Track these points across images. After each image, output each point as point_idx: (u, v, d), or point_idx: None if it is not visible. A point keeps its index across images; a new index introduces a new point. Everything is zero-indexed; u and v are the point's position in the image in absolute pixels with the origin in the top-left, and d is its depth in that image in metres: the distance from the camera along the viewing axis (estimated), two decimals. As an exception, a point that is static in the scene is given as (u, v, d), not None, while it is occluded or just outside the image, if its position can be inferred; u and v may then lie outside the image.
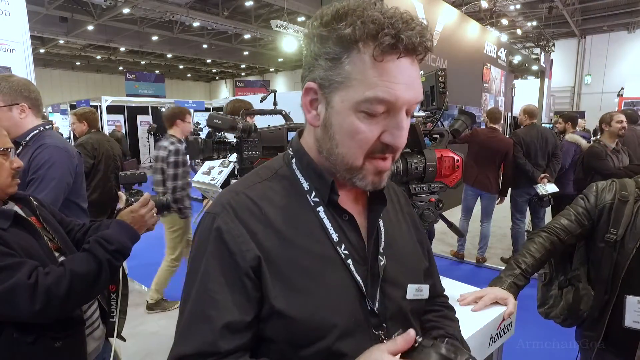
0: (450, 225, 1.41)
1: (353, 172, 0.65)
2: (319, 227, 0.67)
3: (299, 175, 0.71)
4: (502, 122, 4.49)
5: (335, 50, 0.59)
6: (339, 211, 0.69)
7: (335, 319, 0.64)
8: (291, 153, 0.73)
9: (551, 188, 3.91)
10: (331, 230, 0.67)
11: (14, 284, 0.99)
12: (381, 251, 0.72)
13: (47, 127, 1.74)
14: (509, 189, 4.30)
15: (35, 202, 1.29)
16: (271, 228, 0.65)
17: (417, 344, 0.58)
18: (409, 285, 0.74)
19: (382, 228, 0.74)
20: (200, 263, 0.65)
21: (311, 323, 0.63)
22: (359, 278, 0.67)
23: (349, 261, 0.67)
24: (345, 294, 0.66)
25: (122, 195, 1.42)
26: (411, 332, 0.57)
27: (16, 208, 1.20)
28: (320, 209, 0.68)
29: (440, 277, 1.58)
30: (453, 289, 1.49)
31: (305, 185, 0.70)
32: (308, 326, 0.63)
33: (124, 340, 1.38)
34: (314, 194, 0.69)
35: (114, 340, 1.34)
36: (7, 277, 0.99)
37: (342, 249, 0.67)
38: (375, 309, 0.68)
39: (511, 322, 1.36)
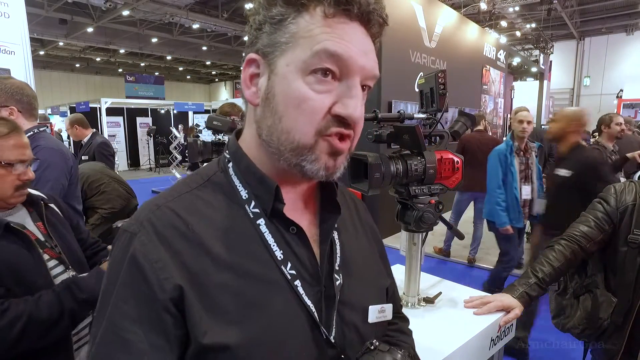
0: (450, 227, 1.41)
1: (302, 152, 0.54)
2: (259, 243, 0.57)
3: (236, 182, 0.60)
4: (484, 122, 4.59)
5: (282, 11, 0.52)
6: (284, 223, 0.58)
7: (282, 354, 0.54)
8: (227, 156, 0.62)
9: None
10: (274, 247, 0.57)
11: None
12: (337, 268, 0.62)
13: (41, 129, 1.74)
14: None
15: (51, 205, 1.30)
16: (200, 247, 0.54)
17: (373, 347, 0.56)
18: (370, 307, 0.65)
19: (337, 241, 0.64)
20: (110, 295, 0.53)
21: (253, 358, 0.52)
22: (309, 302, 0.56)
23: (297, 282, 0.57)
24: (293, 322, 0.55)
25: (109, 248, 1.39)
26: None
27: (23, 212, 1.21)
28: (261, 221, 0.57)
29: (433, 276, 1.59)
30: (446, 289, 1.49)
31: (244, 194, 0.59)
32: None
33: None
34: (253, 203, 0.58)
35: None
36: None
37: (288, 268, 0.57)
38: (331, 338, 0.58)
39: (512, 324, 1.36)
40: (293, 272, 0.57)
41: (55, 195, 1.42)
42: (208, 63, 20.02)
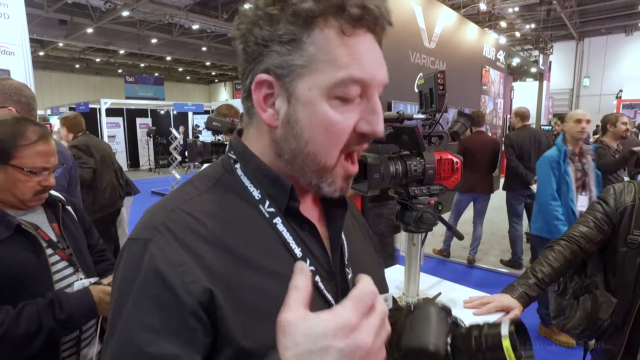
0: (450, 227, 1.41)
1: (324, 174, 0.55)
2: (278, 241, 0.56)
3: (247, 183, 0.59)
4: (485, 124, 4.57)
5: (292, 29, 0.49)
6: (298, 221, 0.58)
7: None
8: (233, 157, 0.61)
9: None
10: (293, 245, 0.57)
11: None
12: (346, 262, 0.63)
13: None
14: (505, 191, 4.32)
15: (68, 207, 1.32)
16: (222, 249, 0.52)
17: (413, 308, 0.60)
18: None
19: (343, 236, 0.65)
20: (124, 307, 0.48)
21: None
22: (330, 297, 0.57)
23: (317, 278, 0.57)
24: None
25: None
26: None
27: (40, 212, 1.23)
28: (278, 220, 0.57)
29: (433, 277, 1.59)
30: (446, 289, 1.49)
31: (256, 194, 0.58)
32: None
33: None
34: (267, 203, 0.57)
35: None
36: None
37: (307, 265, 0.56)
38: None
39: (511, 324, 1.36)
40: (312, 268, 0.57)
41: (72, 199, 1.44)
42: (208, 64, 20.03)
